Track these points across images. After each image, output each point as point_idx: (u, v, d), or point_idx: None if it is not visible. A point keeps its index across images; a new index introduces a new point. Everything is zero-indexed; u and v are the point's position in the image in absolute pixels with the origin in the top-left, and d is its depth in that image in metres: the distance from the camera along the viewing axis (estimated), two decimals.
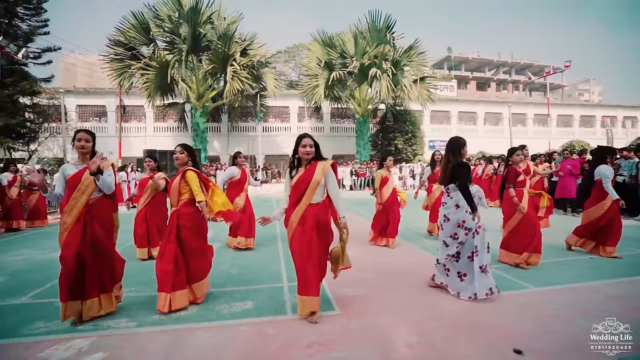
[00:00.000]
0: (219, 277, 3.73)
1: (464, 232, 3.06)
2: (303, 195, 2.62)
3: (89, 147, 2.76)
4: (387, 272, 3.87)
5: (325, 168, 2.67)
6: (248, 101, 20.71)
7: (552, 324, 2.51)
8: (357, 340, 2.30)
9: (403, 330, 2.43)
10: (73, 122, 23.22)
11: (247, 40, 17.72)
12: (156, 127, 24.65)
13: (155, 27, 16.03)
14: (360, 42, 17.76)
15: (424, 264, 4.09)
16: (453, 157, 3.22)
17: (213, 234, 5.13)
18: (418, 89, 19.13)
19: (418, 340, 2.29)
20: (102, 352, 2.23)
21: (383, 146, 23.49)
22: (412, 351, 2.17)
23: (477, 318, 2.62)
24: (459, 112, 29.40)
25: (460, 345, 2.23)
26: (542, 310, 2.74)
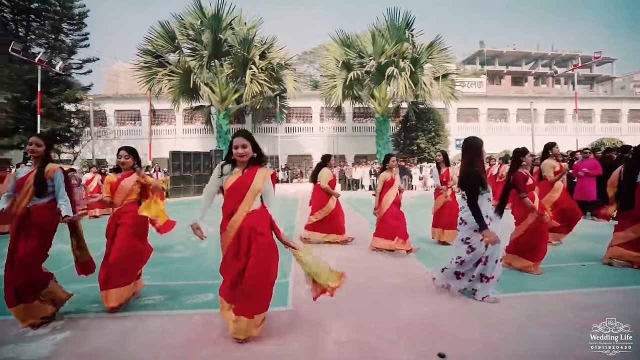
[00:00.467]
0: (195, 271, 3.99)
1: (479, 239, 2.91)
2: (241, 202, 2.34)
3: (39, 152, 2.74)
4: (361, 273, 3.91)
5: (266, 177, 2.41)
6: (270, 103, 21.23)
7: (500, 331, 2.46)
8: (292, 336, 2.41)
9: (341, 330, 2.50)
10: (112, 125, 25.14)
11: (266, 44, 18.18)
12: (185, 129, 26.00)
13: (180, 35, 16.97)
14: (378, 41, 17.57)
15: (406, 268, 4.08)
16: (468, 160, 2.98)
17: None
18: (440, 86, 18.58)
19: (350, 339, 2.36)
20: (69, 331, 2.54)
21: (405, 145, 23.06)
22: (338, 348, 2.24)
23: (431, 322, 2.61)
24: (488, 109, 28.08)
25: (392, 347, 2.26)
26: (502, 318, 2.67)
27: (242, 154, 2.35)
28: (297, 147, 26.77)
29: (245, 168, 2.41)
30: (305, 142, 26.87)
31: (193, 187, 16.41)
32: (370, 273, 3.90)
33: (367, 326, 2.55)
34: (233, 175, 2.41)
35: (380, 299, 3.10)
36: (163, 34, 16.80)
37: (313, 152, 26.70)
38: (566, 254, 4.53)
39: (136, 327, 2.59)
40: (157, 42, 16.78)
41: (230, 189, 2.39)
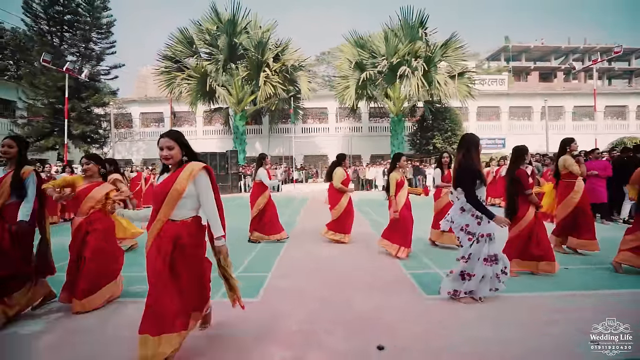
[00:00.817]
0: None
1: (467, 238, 2.92)
2: (160, 208, 2.09)
3: (12, 153, 2.79)
4: (337, 270, 4.07)
5: (193, 174, 2.11)
6: (285, 104, 21.65)
7: (446, 328, 2.56)
8: (250, 325, 2.62)
9: (295, 320, 2.68)
10: (137, 127, 26.52)
11: (280, 47, 18.58)
12: (205, 130, 26.95)
13: (198, 40, 17.70)
14: (391, 41, 17.50)
15: (384, 268, 4.18)
16: (466, 155, 2.94)
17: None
18: (456, 84, 18.22)
19: (299, 329, 2.54)
20: (62, 312, 2.90)
21: (421, 145, 22.77)
22: (287, 337, 2.43)
23: (378, 317, 2.74)
24: (510, 107, 27.09)
25: (331, 337, 2.42)
26: (445, 317, 2.77)
27: (166, 157, 2.10)
28: (313, 147, 27.04)
29: (175, 169, 2.17)
30: (321, 142, 27.09)
31: None
32: (346, 271, 4.04)
33: (319, 318, 2.72)
34: (161, 178, 2.21)
35: (343, 294, 3.25)
36: (182, 39, 17.59)
37: (329, 152, 26.87)
38: (571, 257, 4.49)
39: (119, 310, 2.91)
40: (176, 48, 17.60)
41: (153, 194, 2.18)
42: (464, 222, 2.91)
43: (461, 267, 2.94)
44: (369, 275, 3.82)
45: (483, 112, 27.25)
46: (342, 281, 3.64)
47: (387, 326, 2.57)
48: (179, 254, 2.09)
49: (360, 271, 4.01)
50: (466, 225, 2.90)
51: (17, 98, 18.97)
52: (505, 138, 26.58)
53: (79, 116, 18.11)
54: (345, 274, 3.91)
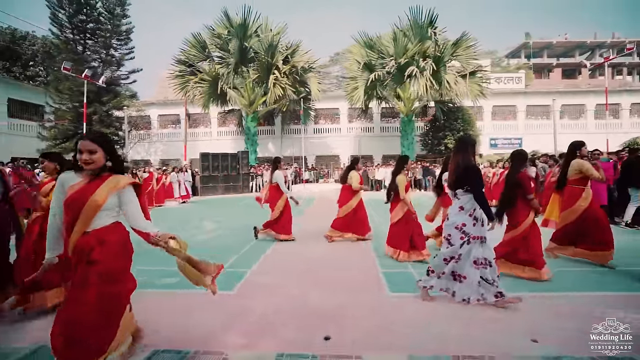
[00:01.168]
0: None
1: (459, 237, 2.94)
2: (76, 221, 1.92)
3: None
4: (320, 268, 4.26)
5: (118, 188, 1.98)
6: (297, 105, 21.98)
7: (410, 327, 2.71)
8: (216, 316, 2.87)
9: (259, 312, 2.91)
10: (155, 129, 27.59)
11: (290, 49, 18.90)
12: (219, 131, 27.71)
13: (211, 45, 18.29)
14: (400, 41, 17.44)
15: (365, 270, 4.34)
16: (465, 157, 2.97)
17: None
18: (468, 84, 17.95)
19: (257, 320, 2.77)
20: None
21: (433, 146, 22.54)
22: (246, 327, 2.66)
23: (336, 311, 2.92)
24: (527, 105, 26.31)
25: (284, 328, 2.63)
26: (393, 315, 2.91)
27: (87, 161, 1.92)
28: (325, 147, 27.25)
29: (92, 178, 1.98)
30: (333, 142, 27.27)
31: (221, 186, 17.60)
32: (325, 270, 4.22)
33: (281, 312, 2.93)
34: (76, 184, 1.97)
35: (312, 291, 3.43)
36: (195, 44, 18.23)
37: (340, 152, 27.02)
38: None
39: None
40: (190, 52, 18.26)
41: (68, 201, 1.94)
42: (461, 220, 2.93)
43: (452, 267, 2.95)
44: (346, 274, 3.99)
45: (498, 112, 26.59)
46: (317, 279, 3.83)
47: (342, 320, 2.75)
48: (87, 268, 1.89)
49: (338, 271, 4.17)
50: (462, 224, 2.92)
51: (45, 103, 20.22)
52: (522, 138, 25.84)
53: (100, 119, 19.11)
54: (323, 272, 4.09)
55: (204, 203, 13.47)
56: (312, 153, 26.82)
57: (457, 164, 2.98)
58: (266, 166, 20.01)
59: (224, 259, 4.59)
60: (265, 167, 19.70)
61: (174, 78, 18.48)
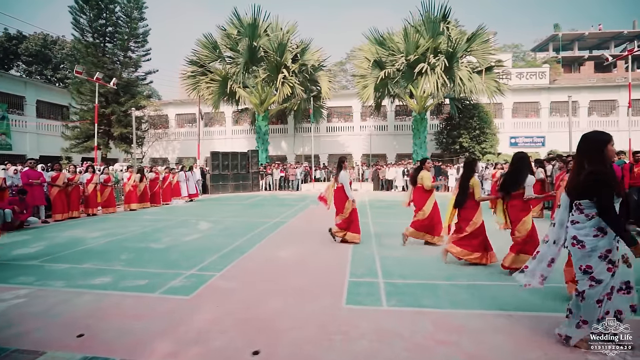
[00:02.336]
0: (153, 261, 4.69)
1: (606, 267, 2.22)
2: None
3: None
4: (292, 276, 4.20)
5: None
6: (309, 104, 21.95)
7: (331, 339, 2.60)
8: (156, 319, 2.86)
9: (199, 320, 2.87)
10: (172, 128, 28.42)
11: (299, 48, 18.84)
12: (234, 130, 28.14)
13: (222, 45, 18.57)
14: (411, 37, 16.96)
15: (336, 274, 4.24)
16: (595, 159, 2.28)
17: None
18: (483, 80, 17.20)
19: (197, 328, 2.73)
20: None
21: (447, 144, 21.86)
22: (180, 334, 2.63)
23: (278, 323, 2.85)
24: (551, 102, 24.91)
25: (223, 335, 2.58)
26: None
27: None
28: (337, 146, 27.06)
29: None
30: (345, 141, 27.04)
31: (230, 184, 17.88)
32: (293, 275, 4.14)
33: (224, 319, 2.88)
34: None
35: (267, 298, 3.37)
36: (207, 44, 18.55)
37: (353, 151, 26.75)
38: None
39: (70, 299, 3.32)
40: (201, 53, 18.61)
41: None
42: (605, 246, 2.22)
43: (607, 307, 2.27)
44: (312, 281, 3.89)
45: (520, 108, 25.35)
46: (280, 286, 3.75)
47: (278, 330, 2.67)
48: None
49: (306, 277, 4.08)
50: (607, 250, 2.22)
51: (68, 104, 21.28)
52: (545, 137, 24.55)
53: (118, 119, 19.90)
54: (291, 279, 4.00)
55: (210, 201, 13.72)
56: (324, 152, 26.73)
57: (587, 170, 2.28)
58: (276, 165, 20.16)
59: (197, 262, 4.63)
60: (275, 165, 19.84)
61: (186, 78, 18.91)
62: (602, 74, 41.54)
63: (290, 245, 5.64)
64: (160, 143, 28.27)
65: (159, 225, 7.64)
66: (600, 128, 21.27)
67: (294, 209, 10.42)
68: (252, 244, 5.71)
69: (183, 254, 5.09)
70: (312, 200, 13.40)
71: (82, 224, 8.05)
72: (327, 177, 23.53)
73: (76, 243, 5.93)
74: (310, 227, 7.32)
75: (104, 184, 9.92)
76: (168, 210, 10.77)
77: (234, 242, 5.83)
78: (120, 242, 5.99)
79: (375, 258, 4.82)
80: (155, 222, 8.18)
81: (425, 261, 4.66)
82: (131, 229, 7.26)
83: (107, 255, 5.04)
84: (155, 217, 9.18)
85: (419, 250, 5.30)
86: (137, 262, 4.72)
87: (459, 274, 4.10)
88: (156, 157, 28.62)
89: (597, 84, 26.22)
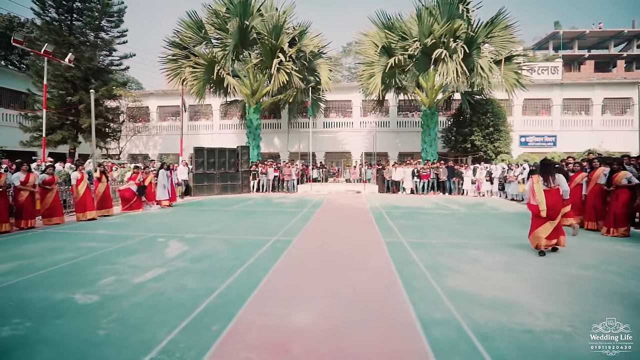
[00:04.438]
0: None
1: None
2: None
3: None
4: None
5: None
6: (305, 95, 19.74)
7: None
8: None
9: None
10: (154, 121, 25.77)
11: (297, 30, 16.61)
12: (222, 124, 25.72)
13: (208, 25, 16.15)
14: (425, 19, 14.94)
15: None
16: None
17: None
18: (502, 71, 15.33)
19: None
20: None
21: (457, 143, 20.04)
22: None
23: None
24: (564, 99, 23.41)
25: None
26: None
27: None
28: (336, 143, 25.01)
29: None
30: (344, 138, 25.00)
31: (217, 185, 15.58)
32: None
33: None
34: None
35: None
36: (191, 24, 16.12)
37: (352, 149, 24.73)
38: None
39: None
40: (185, 34, 16.16)
41: None
42: None
43: None
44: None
45: (531, 105, 23.78)
46: None
47: None
48: None
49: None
50: None
51: (27, 89, 18.45)
52: (557, 136, 23.04)
53: (87, 109, 17.24)
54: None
55: (191, 206, 11.41)
56: (320, 149, 24.62)
57: None
58: (270, 163, 17.92)
59: (139, 352, 2.42)
60: (269, 163, 17.60)
61: (166, 62, 16.42)
62: (602, 73, 40.76)
63: (309, 296, 3.47)
64: (140, 138, 25.62)
65: (107, 249, 5.32)
66: (614, 127, 19.94)
67: (296, 219, 8.27)
68: (244, 291, 3.52)
69: (119, 323, 2.80)
70: (314, 205, 11.24)
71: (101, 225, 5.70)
72: (325, 177, 21.45)
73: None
74: (329, 251, 5.20)
75: (44, 186, 7.53)
76: (134, 220, 8.45)
77: (214, 288, 3.61)
78: (17, 290, 3.54)
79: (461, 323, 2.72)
80: (106, 241, 5.88)
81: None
82: (60, 256, 4.89)
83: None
84: (113, 231, 6.89)
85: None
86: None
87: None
88: (135, 153, 25.94)
89: (612, 80, 24.85)
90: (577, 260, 4.69)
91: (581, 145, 21.89)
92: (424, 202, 12.37)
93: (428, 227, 7.25)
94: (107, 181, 9.12)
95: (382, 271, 4.19)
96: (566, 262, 4.57)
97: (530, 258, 4.79)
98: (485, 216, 9.00)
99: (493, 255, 4.92)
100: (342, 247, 5.39)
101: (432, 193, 15.50)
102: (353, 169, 21.68)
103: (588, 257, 4.87)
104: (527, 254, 4.98)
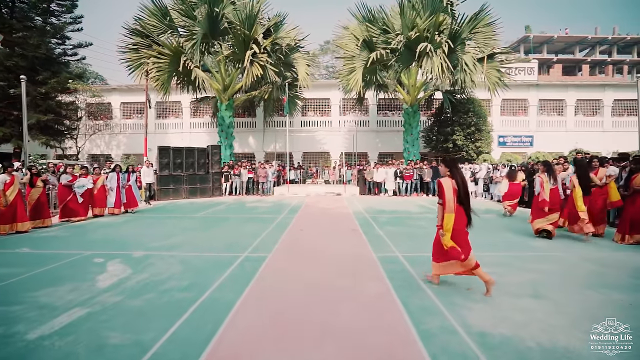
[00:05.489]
0: None
1: None
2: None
3: None
4: None
5: None
6: (282, 92, 18.60)
7: None
8: None
9: None
10: (117, 119, 23.65)
11: (272, 20, 15.44)
12: (192, 122, 24.04)
13: (173, 12, 14.65)
14: (408, 12, 14.28)
15: None
16: None
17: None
18: (485, 69, 14.95)
19: None
20: None
21: (438, 142, 19.58)
22: None
23: None
24: (539, 100, 23.70)
25: None
26: None
27: None
28: (314, 143, 24.02)
29: None
30: (323, 137, 24.06)
31: (184, 188, 14.14)
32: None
33: None
34: None
35: None
36: (155, 11, 14.55)
37: (331, 149, 23.83)
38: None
39: None
40: (147, 21, 14.56)
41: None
42: None
43: None
44: None
45: (508, 106, 23.90)
46: None
47: None
48: None
49: None
50: None
51: None
52: (534, 136, 23.27)
53: (34, 102, 15.23)
54: None
55: (152, 213, 10.01)
56: (298, 149, 23.52)
57: None
58: (244, 164, 16.64)
59: None
60: (244, 165, 16.32)
61: (126, 52, 14.74)
62: (569, 77, 42.38)
63: (291, 352, 2.43)
64: (102, 137, 23.44)
65: (19, 277, 4.01)
66: (585, 128, 20.22)
67: (270, 227, 7.18)
68: (193, 348, 2.41)
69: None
70: (292, 210, 10.18)
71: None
72: (302, 179, 20.40)
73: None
74: (311, 273, 4.16)
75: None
76: (75, 232, 7.02)
77: (146, 344, 2.47)
78: None
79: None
80: (23, 265, 4.54)
81: None
82: None
83: None
84: (40, 249, 5.51)
85: None
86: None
87: None
88: (97, 153, 23.70)
89: (584, 82, 25.49)
90: (613, 280, 3.94)
91: (557, 146, 22.20)
92: (410, 205, 11.61)
93: (420, 235, 6.39)
94: (43, 186, 7.61)
95: (383, 301, 3.21)
96: (601, 282, 3.79)
97: (556, 277, 3.98)
98: (479, 221, 8.30)
99: (510, 273, 4.08)
100: (328, 268, 4.37)
101: (415, 194, 14.85)
102: (332, 170, 20.77)
103: (623, 275, 4.15)
104: (551, 269, 4.19)
